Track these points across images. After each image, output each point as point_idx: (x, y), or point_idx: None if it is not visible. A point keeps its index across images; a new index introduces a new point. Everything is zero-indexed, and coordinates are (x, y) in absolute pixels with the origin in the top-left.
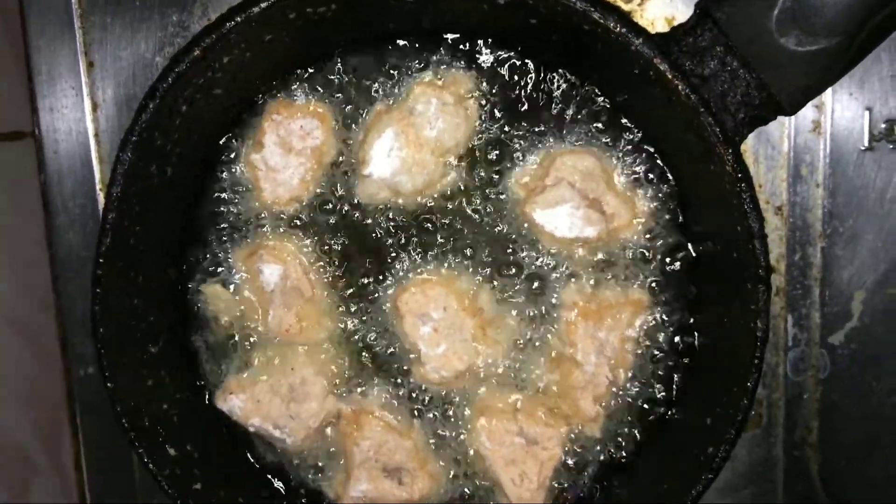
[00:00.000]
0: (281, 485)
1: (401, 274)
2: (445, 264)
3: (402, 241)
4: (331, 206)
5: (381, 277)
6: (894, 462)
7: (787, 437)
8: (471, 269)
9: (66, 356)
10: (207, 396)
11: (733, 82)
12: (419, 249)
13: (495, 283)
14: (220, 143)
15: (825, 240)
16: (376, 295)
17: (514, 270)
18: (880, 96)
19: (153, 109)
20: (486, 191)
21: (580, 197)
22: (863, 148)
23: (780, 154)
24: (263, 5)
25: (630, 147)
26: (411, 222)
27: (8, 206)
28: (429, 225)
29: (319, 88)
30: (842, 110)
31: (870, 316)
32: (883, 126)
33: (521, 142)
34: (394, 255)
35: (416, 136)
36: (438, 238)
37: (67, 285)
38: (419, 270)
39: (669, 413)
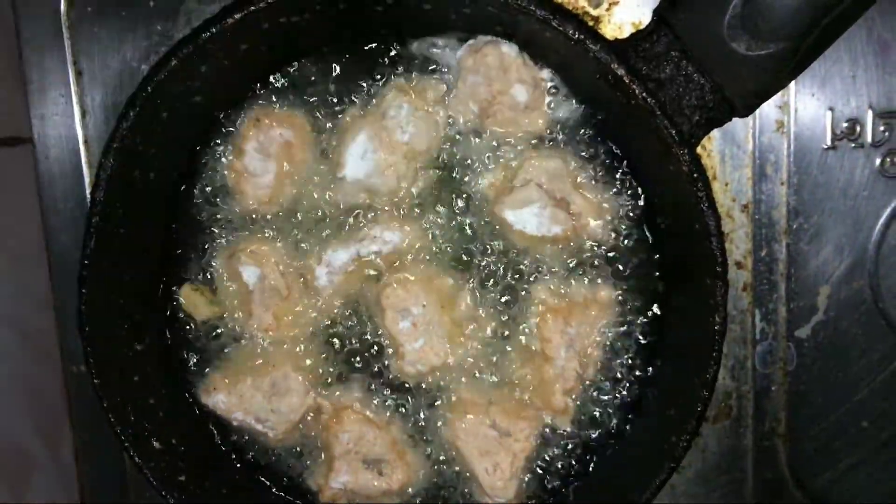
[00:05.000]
0: (264, 477)
1: (378, 272)
2: (422, 263)
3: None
4: (308, 208)
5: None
6: (859, 450)
7: (757, 427)
8: (446, 268)
9: (63, 355)
10: (192, 392)
11: (688, 86)
12: (395, 248)
13: (470, 281)
14: (201, 148)
15: (790, 236)
16: (353, 293)
17: (486, 268)
18: (842, 96)
19: (134, 117)
20: (458, 192)
21: (547, 197)
22: (825, 146)
23: (745, 153)
24: (237, 16)
25: (595, 149)
26: (387, 223)
27: (6, 208)
28: (404, 225)
29: (296, 94)
30: (805, 110)
31: (835, 309)
32: (845, 125)
33: (491, 144)
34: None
35: (389, 139)
36: (414, 238)
37: (62, 286)
38: (396, 268)
39: (636, 404)
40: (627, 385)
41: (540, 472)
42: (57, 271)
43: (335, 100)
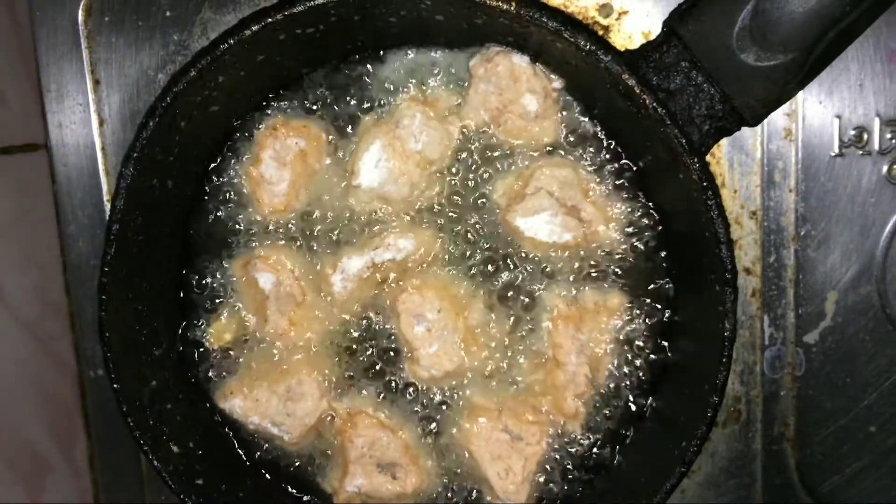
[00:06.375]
0: (279, 480)
1: (392, 279)
2: (436, 270)
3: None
4: (323, 215)
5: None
6: (867, 455)
7: (766, 432)
8: (459, 275)
9: (79, 359)
10: (209, 396)
11: (698, 96)
12: (409, 256)
13: (482, 287)
14: (218, 156)
15: (798, 242)
16: (368, 299)
17: (499, 275)
18: (849, 104)
19: (153, 127)
20: (471, 200)
21: (558, 205)
22: (833, 154)
23: (753, 161)
24: (255, 28)
25: (605, 157)
26: (400, 230)
27: (23, 213)
28: (418, 233)
29: (312, 103)
30: (812, 118)
31: (842, 315)
32: (852, 133)
33: (503, 153)
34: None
35: (402, 148)
36: (427, 245)
37: (79, 291)
38: (410, 275)
39: (646, 410)
40: (638, 390)
41: (551, 475)
42: (73, 277)
43: (349, 109)
